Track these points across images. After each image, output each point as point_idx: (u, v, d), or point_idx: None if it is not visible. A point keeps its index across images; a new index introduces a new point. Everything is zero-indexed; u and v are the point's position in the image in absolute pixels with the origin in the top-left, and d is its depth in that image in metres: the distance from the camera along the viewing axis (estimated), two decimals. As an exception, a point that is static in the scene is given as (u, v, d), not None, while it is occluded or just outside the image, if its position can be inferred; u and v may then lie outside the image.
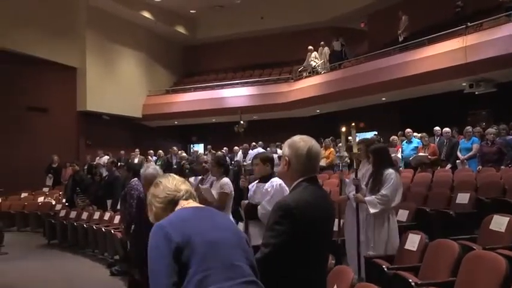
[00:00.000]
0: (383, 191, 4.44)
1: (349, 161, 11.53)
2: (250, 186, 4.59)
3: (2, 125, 13.75)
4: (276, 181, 4.34)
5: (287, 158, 2.25)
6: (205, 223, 1.76)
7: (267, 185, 4.37)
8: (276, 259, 2.02)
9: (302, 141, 2.26)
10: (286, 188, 4.31)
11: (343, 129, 4.73)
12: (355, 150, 4.62)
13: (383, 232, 4.49)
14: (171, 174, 2.09)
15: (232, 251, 1.71)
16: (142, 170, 4.48)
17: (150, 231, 1.74)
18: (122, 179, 9.51)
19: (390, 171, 4.52)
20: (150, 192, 2.00)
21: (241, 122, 5.53)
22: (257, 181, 4.54)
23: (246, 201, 4.48)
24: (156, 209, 1.94)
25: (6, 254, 8.70)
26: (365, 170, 4.78)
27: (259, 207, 4.27)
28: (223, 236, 1.74)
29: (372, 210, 4.42)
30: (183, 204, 1.90)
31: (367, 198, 4.47)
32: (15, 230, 11.50)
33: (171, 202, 1.91)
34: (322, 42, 16.17)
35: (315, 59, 16.04)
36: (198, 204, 1.93)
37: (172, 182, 1.97)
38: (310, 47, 16.18)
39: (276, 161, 12.51)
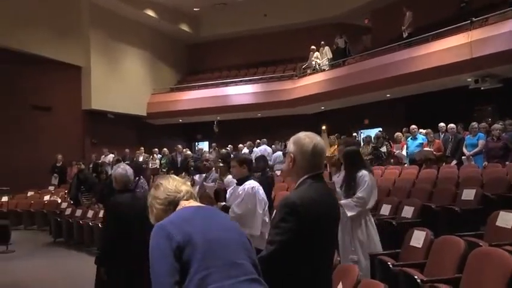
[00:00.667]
0: (359, 194, 4.40)
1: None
2: (229, 189, 4.55)
3: (6, 125, 13.80)
4: (249, 184, 4.28)
5: (292, 155, 2.25)
6: (207, 222, 1.76)
7: (240, 188, 4.32)
8: (282, 256, 2.02)
9: (307, 137, 2.25)
10: (260, 192, 4.25)
11: (324, 127, 4.68)
12: (328, 153, 4.58)
13: (361, 234, 4.47)
14: (171, 175, 2.09)
15: (234, 250, 1.71)
16: (112, 171, 4.37)
17: (151, 232, 1.74)
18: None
19: (364, 173, 4.47)
20: (150, 194, 2.01)
21: (216, 121, 5.54)
22: (236, 183, 4.50)
23: (222, 204, 4.45)
24: (156, 210, 1.95)
25: (13, 252, 8.76)
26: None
27: (230, 210, 4.23)
28: (225, 235, 1.74)
29: (349, 213, 4.38)
30: (184, 204, 1.90)
31: (343, 201, 4.42)
32: (22, 228, 11.59)
33: (172, 203, 1.91)
34: (322, 42, 16.12)
35: (316, 59, 16.01)
36: (199, 204, 1.93)
37: (173, 183, 1.97)
38: (313, 47, 16.15)
39: (281, 158, 12.48)
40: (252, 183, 4.30)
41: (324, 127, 3.91)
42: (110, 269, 4.04)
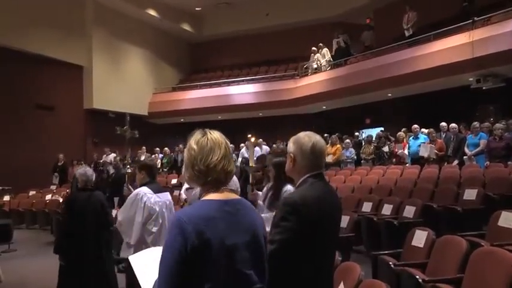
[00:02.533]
0: None
1: (355, 157, 11.62)
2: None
3: (9, 124, 13.82)
4: (137, 190, 4.20)
5: (292, 155, 2.25)
6: (227, 224, 1.66)
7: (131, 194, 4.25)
8: (282, 256, 2.01)
9: (306, 137, 2.26)
10: (145, 199, 4.12)
11: (252, 138, 4.38)
12: (251, 163, 4.48)
13: None
14: (213, 138, 1.79)
15: (245, 257, 1.67)
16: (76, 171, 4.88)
17: (170, 222, 1.67)
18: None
19: (289, 187, 3.98)
20: (187, 149, 1.81)
21: (126, 127, 5.64)
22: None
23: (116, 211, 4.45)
24: (185, 168, 1.83)
25: (15, 251, 8.78)
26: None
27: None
28: (241, 239, 1.68)
29: (268, 229, 4.16)
30: (209, 194, 1.74)
31: (265, 215, 4.01)
32: (23, 227, 11.62)
33: (200, 180, 1.77)
34: (320, 44, 16.11)
35: (317, 61, 15.99)
36: (225, 195, 1.75)
37: (206, 160, 1.75)
38: (313, 48, 16.14)
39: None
40: (139, 190, 4.19)
41: (249, 135, 3.77)
42: (67, 263, 4.41)
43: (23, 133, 14.14)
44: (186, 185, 5.43)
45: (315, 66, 16.01)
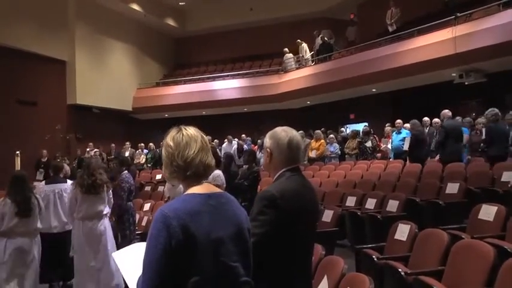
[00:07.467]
0: None
1: (339, 152, 11.70)
2: None
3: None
4: None
5: (269, 150, 2.28)
6: (212, 218, 1.67)
7: None
8: (261, 249, 2.01)
9: (283, 131, 2.28)
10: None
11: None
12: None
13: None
14: (189, 133, 1.81)
15: (231, 250, 1.68)
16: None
17: (154, 216, 1.64)
18: (111, 171, 9.53)
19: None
20: (164, 147, 1.82)
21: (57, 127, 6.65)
22: None
23: None
24: (164, 166, 1.82)
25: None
26: None
27: None
28: (226, 232, 1.69)
29: None
30: (192, 188, 1.75)
31: None
32: (5, 224, 11.42)
33: (180, 175, 1.78)
34: (298, 40, 16.17)
35: (291, 59, 16.14)
36: (208, 189, 1.78)
37: (183, 155, 1.76)
38: (285, 49, 16.39)
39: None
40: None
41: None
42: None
43: (5, 129, 13.92)
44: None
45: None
